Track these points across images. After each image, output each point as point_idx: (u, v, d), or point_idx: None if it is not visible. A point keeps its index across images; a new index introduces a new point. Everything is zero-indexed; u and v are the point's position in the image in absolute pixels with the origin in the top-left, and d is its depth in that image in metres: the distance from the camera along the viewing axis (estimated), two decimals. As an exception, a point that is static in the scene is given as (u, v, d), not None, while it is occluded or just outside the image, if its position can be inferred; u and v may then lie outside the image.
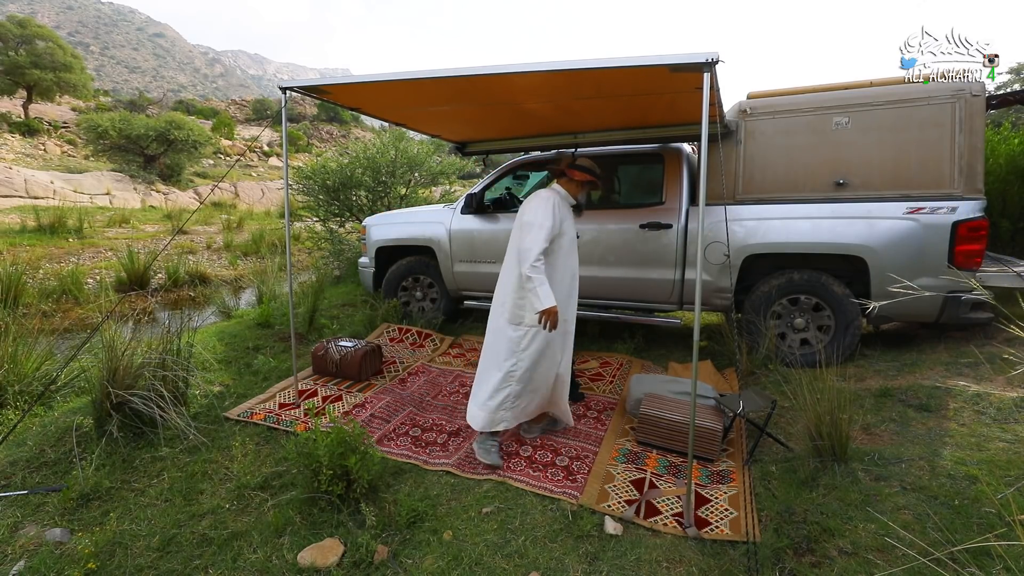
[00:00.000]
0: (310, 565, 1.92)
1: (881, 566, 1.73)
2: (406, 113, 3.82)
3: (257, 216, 16.78)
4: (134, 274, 7.03)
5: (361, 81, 2.77)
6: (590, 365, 4.00)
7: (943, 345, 3.54)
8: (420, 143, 8.72)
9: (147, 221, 13.08)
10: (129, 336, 3.01)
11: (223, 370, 3.80)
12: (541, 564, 1.93)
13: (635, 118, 3.69)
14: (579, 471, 2.51)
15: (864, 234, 3.38)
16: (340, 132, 39.19)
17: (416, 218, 4.97)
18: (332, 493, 2.18)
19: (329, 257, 8.11)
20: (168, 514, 2.23)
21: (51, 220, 9.71)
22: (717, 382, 3.53)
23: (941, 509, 1.95)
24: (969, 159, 3.25)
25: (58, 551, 2.01)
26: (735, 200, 3.77)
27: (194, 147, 22.08)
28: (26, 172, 16.12)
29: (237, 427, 2.97)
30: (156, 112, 30.25)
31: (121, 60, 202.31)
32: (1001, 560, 1.59)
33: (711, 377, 3.61)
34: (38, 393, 3.07)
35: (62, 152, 22.82)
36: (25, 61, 22.78)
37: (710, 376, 3.63)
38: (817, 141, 3.58)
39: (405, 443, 2.82)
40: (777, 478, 2.38)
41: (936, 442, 2.41)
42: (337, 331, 4.64)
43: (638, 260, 4.01)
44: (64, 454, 2.61)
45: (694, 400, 2.16)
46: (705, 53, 2.01)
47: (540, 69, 2.33)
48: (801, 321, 3.70)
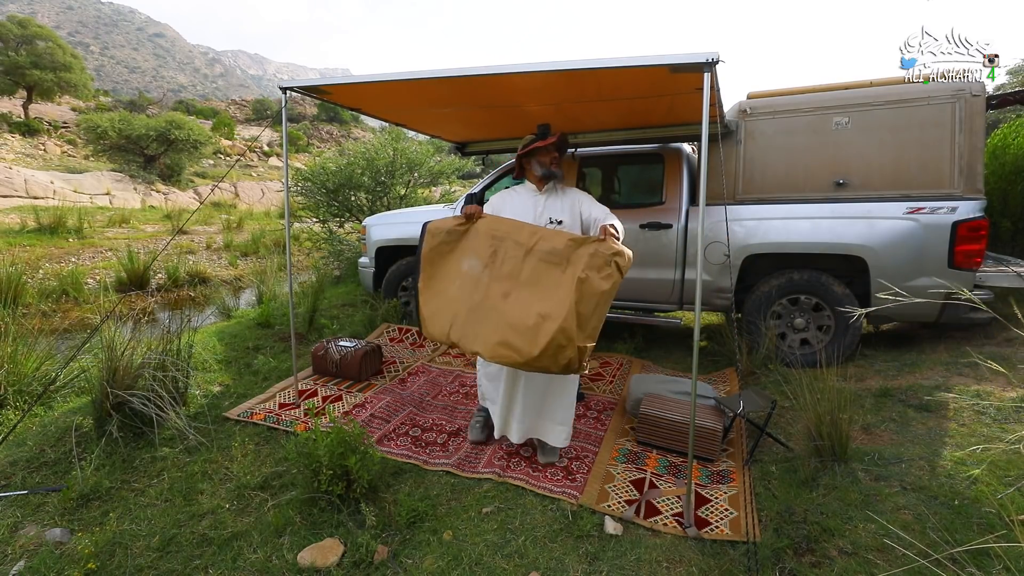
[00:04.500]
0: (310, 565, 1.92)
1: (881, 566, 1.73)
2: (406, 113, 3.82)
3: (257, 216, 16.78)
4: (134, 274, 7.03)
5: (361, 81, 2.77)
6: (590, 365, 4.00)
7: (943, 345, 3.54)
8: (419, 143, 8.72)
9: (147, 221, 13.08)
10: (129, 336, 3.01)
11: (223, 370, 3.80)
12: (541, 564, 1.93)
13: (635, 118, 3.68)
14: (579, 471, 2.51)
15: (864, 234, 3.38)
16: (340, 132, 39.19)
17: (416, 218, 4.97)
18: (332, 493, 2.18)
19: (329, 257, 8.11)
20: (168, 514, 2.23)
21: (51, 220, 9.70)
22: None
23: (941, 509, 1.95)
24: (969, 159, 3.25)
25: (58, 551, 2.01)
26: (735, 200, 3.77)
27: (194, 147, 22.08)
28: (26, 172, 16.12)
29: (237, 427, 2.97)
30: (156, 112, 30.26)
31: (121, 60, 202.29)
32: (1001, 560, 1.59)
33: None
34: (38, 393, 3.07)
35: (62, 152, 22.81)
36: (25, 61, 22.78)
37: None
38: (817, 141, 3.58)
39: (405, 443, 2.82)
40: (777, 478, 2.37)
41: (936, 442, 2.42)
42: (337, 331, 4.64)
43: (638, 260, 3.95)
44: (64, 454, 2.61)
45: (694, 400, 2.16)
46: (705, 53, 2.01)
47: (540, 69, 2.33)
48: (801, 321, 3.70)
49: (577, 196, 2.64)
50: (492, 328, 2.30)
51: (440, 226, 2.59)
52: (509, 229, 2.44)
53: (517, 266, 2.37)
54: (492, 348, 2.26)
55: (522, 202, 2.61)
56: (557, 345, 2.13)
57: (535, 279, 2.33)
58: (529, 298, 2.30)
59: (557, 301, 2.21)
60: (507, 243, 2.41)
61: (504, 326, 2.27)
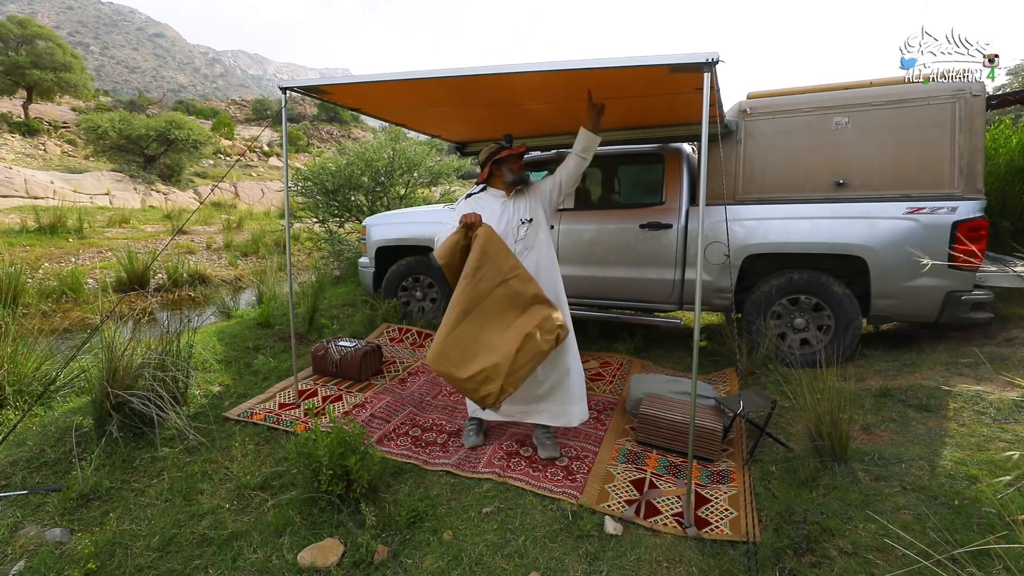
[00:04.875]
0: (310, 565, 1.92)
1: (881, 566, 1.73)
2: (406, 113, 3.82)
3: (257, 216, 16.77)
4: (134, 274, 7.03)
5: (361, 81, 2.77)
6: (590, 365, 3.99)
7: (943, 345, 3.54)
8: (417, 143, 8.72)
9: (147, 221, 13.08)
10: (129, 336, 3.01)
11: (223, 370, 3.80)
12: (541, 564, 1.93)
13: (635, 118, 3.69)
14: (579, 471, 2.51)
15: (864, 234, 3.38)
16: (340, 132, 39.19)
17: (416, 218, 4.98)
18: (332, 493, 2.18)
19: (329, 257, 8.11)
20: (168, 514, 2.23)
21: (51, 220, 9.70)
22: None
23: (941, 509, 1.95)
24: (969, 159, 3.26)
25: (58, 551, 2.01)
26: (735, 200, 3.78)
27: (194, 147, 22.09)
28: (26, 172, 16.13)
29: (237, 427, 2.97)
30: (156, 112, 30.27)
31: (121, 60, 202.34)
32: (1001, 560, 1.59)
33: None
34: (38, 393, 3.07)
35: (62, 152, 22.82)
36: (25, 61, 22.78)
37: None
38: (817, 141, 3.58)
39: (405, 443, 2.82)
40: (777, 478, 2.37)
41: (936, 442, 2.42)
42: (337, 331, 4.64)
43: (638, 260, 4.02)
44: (64, 454, 2.61)
45: (694, 400, 2.16)
46: (705, 53, 2.01)
47: (540, 69, 2.33)
48: (801, 321, 3.70)
49: (533, 190, 2.76)
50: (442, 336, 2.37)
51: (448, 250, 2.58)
52: (497, 252, 2.53)
53: (488, 289, 2.45)
54: (435, 356, 2.33)
55: (491, 208, 2.69)
56: (485, 376, 2.26)
57: (495, 309, 2.45)
58: (481, 324, 2.41)
59: (503, 340, 2.37)
60: (490, 264, 2.49)
61: (451, 341, 2.35)
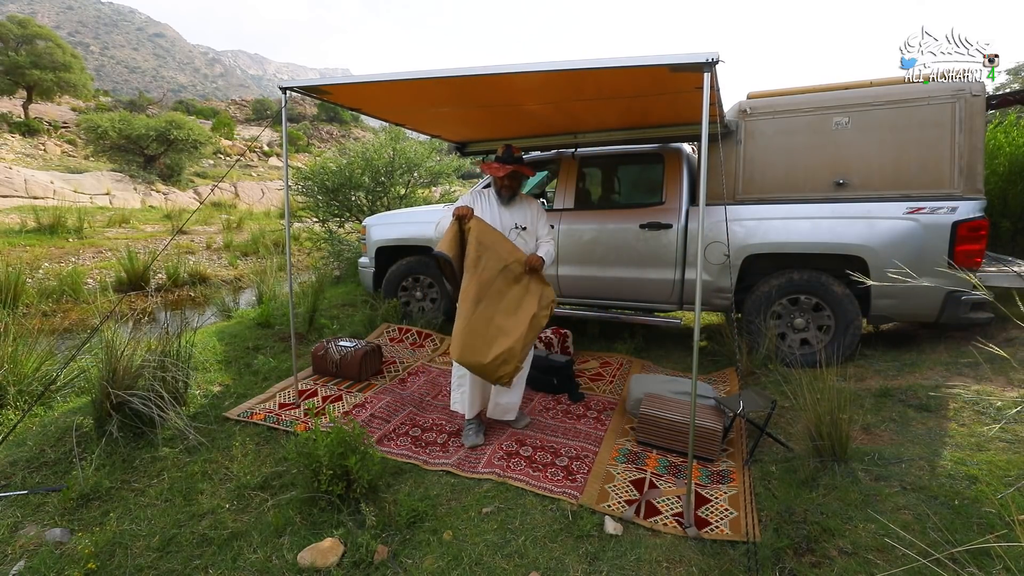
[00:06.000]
0: (310, 565, 1.92)
1: (881, 566, 1.73)
2: (406, 113, 3.82)
3: (257, 216, 16.77)
4: (134, 274, 7.02)
5: (361, 81, 2.77)
6: (590, 365, 4.00)
7: (943, 345, 3.54)
8: (418, 143, 8.72)
9: (147, 221, 13.08)
10: (129, 336, 3.01)
11: (223, 370, 3.80)
12: (541, 564, 1.92)
13: (635, 118, 3.69)
14: (579, 471, 2.51)
15: (864, 234, 3.38)
16: (340, 132, 39.21)
17: (416, 218, 4.97)
18: (332, 493, 2.18)
19: (329, 257, 8.11)
20: (168, 514, 2.23)
21: (51, 220, 9.71)
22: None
23: (941, 509, 1.95)
24: (969, 159, 3.25)
25: (58, 551, 2.01)
26: (735, 200, 3.77)
27: (194, 147, 22.09)
28: (26, 172, 16.12)
29: (237, 427, 2.97)
30: (156, 112, 30.26)
31: (121, 60, 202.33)
32: (1001, 560, 1.59)
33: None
34: (38, 393, 3.07)
35: (62, 152, 22.82)
36: (25, 61, 22.78)
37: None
38: (817, 141, 3.58)
39: (405, 443, 2.82)
40: (777, 478, 2.37)
41: (936, 442, 2.42)
42: (337, 331, 4.63)
43: (638, 260, 4.02)
44: (64, 454, 2.61)
45: (694, 400, 2.16)
46: (705, 53, 2.01)
47: (540, 69, 2.33)
48: (801, 321, 3.70)
49: (535, 207, 2.98)
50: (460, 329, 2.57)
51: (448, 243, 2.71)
52: (494, 240, 2.70)
53: (493, 276, 2.65)
54: (460, 350, 2.53)
55: (490, 208, 2.88)
56: (503, 360, 2.53)
57: (501, 294, 2.66)
58: (492, 309, 2.62)
59: (515, 323, 2.62)
60: (490, 253, 2.66)
61: (470, 331, 2.55)
